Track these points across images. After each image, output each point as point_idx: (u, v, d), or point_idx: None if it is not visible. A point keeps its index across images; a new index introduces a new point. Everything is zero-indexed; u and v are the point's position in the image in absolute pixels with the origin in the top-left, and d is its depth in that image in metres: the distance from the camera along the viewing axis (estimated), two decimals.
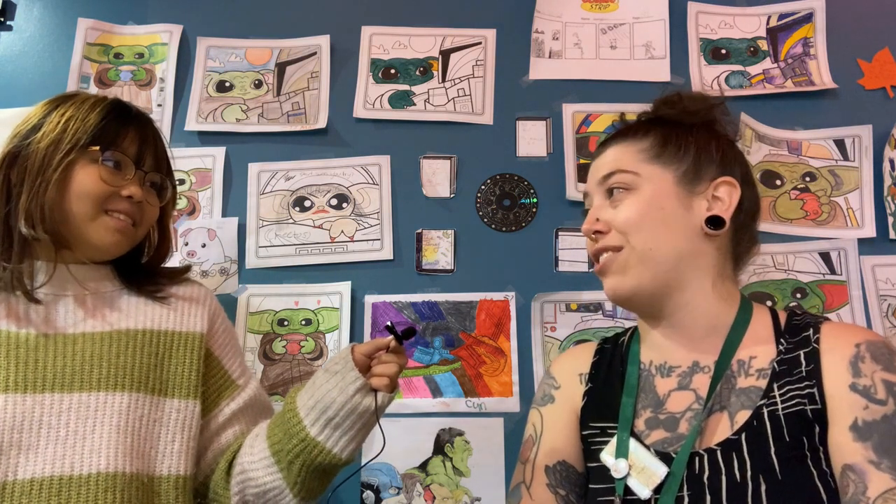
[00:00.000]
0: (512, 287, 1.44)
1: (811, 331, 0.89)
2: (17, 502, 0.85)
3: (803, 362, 0.86)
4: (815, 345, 0.87)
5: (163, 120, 1.54)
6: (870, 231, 1.44)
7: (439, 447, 1.37)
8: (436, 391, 1.40)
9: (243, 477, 0.97)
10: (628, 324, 1.40)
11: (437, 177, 1.51)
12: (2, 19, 1.61)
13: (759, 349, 0.90)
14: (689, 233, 0.92)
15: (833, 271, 1.42)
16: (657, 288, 0.93)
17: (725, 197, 0.93)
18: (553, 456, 0.99)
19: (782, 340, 0.90)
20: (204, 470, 1.02)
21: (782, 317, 0.94)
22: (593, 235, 0.97)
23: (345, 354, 0.94)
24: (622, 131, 1.01)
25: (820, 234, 1.44)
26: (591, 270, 1.44)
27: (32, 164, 0.94)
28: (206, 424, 1.03)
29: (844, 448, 0.80)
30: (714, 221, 0.92)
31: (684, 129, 0.97)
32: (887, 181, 1.45)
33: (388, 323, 0.98)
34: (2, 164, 0.96)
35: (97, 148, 0.96)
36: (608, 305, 1.43)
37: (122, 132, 0.99)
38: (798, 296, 1.42)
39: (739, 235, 0.97)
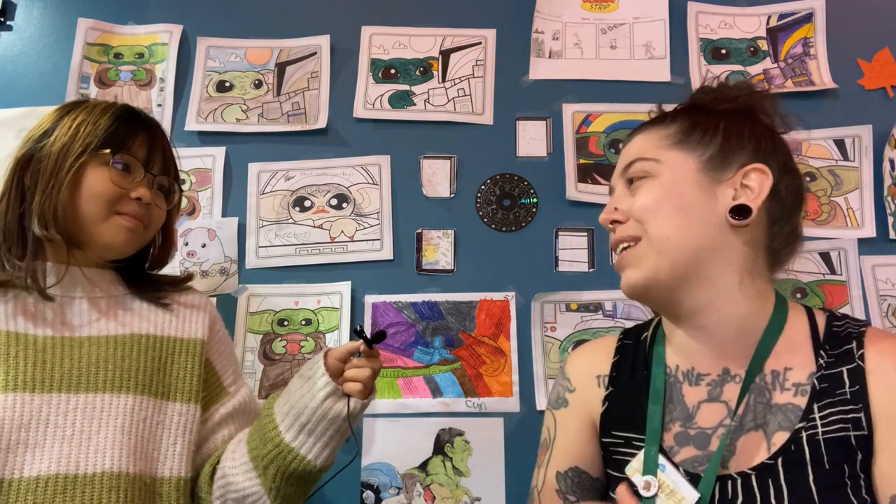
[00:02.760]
0: (512, 287, 1.44)
1: (854, 344, 0.82)
2: (22, 499, 0.87)
3: (847, 381, 0.80)
4: (860, 362, 0.80)
5: (163, 120, 1.54)
6: (870, 231, 1.44)
7: (439, 447, 1.37)
8: (436, 391, 1.40)
9: (224, 482, 0.99)
10: (629, 324, 1.40)
11: (437, 177, 1.51)
12: (2, 19, 1.61)
13: (796, 359, 0.84)
14: (711, 223, 0.84)
15: (833, 271, 1.42)
16: (675, 281, 0.85)
17: (755, 185, 0.85)
18: (565, 462, 0.96)
19: (822, 352, 0.83)
20: (194, 473, 1.03)
21: (820, 320, 0.87)
22: (611, 225, 0.91)
23: (317, 359, 0.95)
24: (650, 121, 0.95)
25: (820, 234, 1.44)
26: (591, 270, 1.44)
27: (45, 167, 0.97)
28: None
29: (894, 479, 0.75)
30: (740, 211, 0.84)
31: (716, 114, 0.90)
32: (887, 181, 1.45)
33: (357, 326, 0.96)
34: (16, 168, 0.99)
35: (107, 151, 0.99)
36: (608, 305, 1.43)
37: (132, 136, 1.02)
38: (798, 296, 1.42)
39: (776, 229, 0.88)
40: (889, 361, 0.80)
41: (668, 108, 0.98)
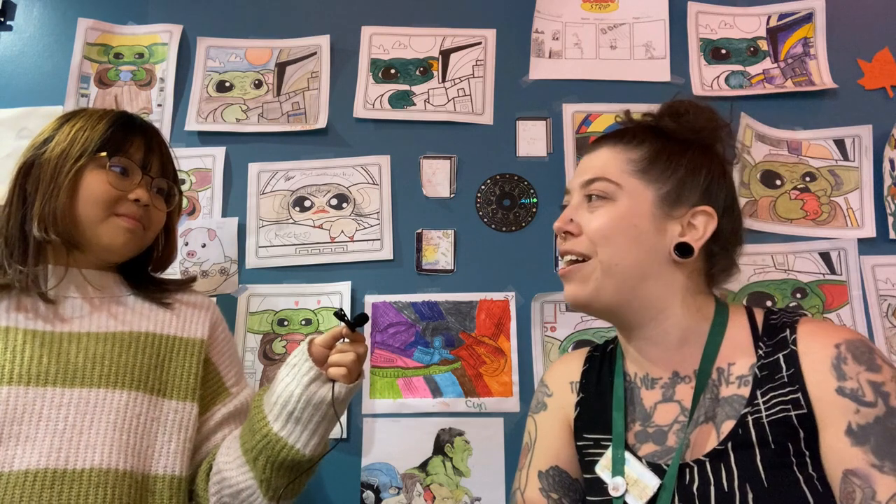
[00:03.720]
0: (512, 287, 1.44)
1: (787, 331, 0.88)
2: (10, 493, 0.87)
3: (783, 366, 0.86)
4: (793, 346, 0.86)
5: (163, 120, 1.54)
6: (870, 231, 1.44)
7: (439, 447, 1.37)
8: (436, 391, 1.40)
9: (219, 477, 0.99)
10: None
11: (437, 177, 1.51)
12: (2, 19, 1.61)
13: (738, 355, 0.90)
14: (657, 255, 0.92)
15: (833, 271, 1.42)
16: (619, 302, 0.92)
17: (700, 227, 0.93)
18: (546, 461, 1.01)
19: (760, 344, 0.90)
20: (192, 472, 1.03)
21: (759, 317, 0.93)
22: (563, 234, 0.97)
23: (301, 347, 0.95)
24: (618, 133, 1.00)
25: (820, 234, 1.44)
26: None
27: (45, 172, 0.99)
28: (199, 428, 1.04)
29: (842, 453, 0.80)
30: (682, 249, 0.91)
31: (680, 147, 0.96)
32: (887, 181, 1.45)
33: (339, 309, 0.96)
34: (18, 175, 1.02)
35: (104, 154, 1.01)
36: None
37: (128, 140, 1.04)
38: (798, 296, 1.42)
39: (714, 260, 0.96)
40: (818, 342, 0.86)
41: (636, 115, 1.05)
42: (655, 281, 0.92)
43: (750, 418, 0.84)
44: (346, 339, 0.96)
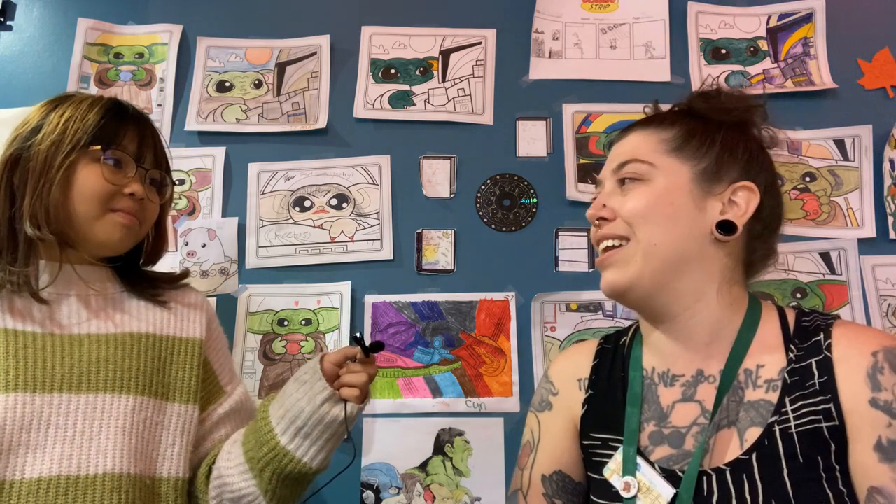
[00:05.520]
0: (512, 287, 1.44)
1: (822, 335, 0.83)
2: (24, 501, 0.86)
3: (816, 373, 0.81)
4: (827, 352, 0.82)
5: (163, 120, 1.54)
6: (870, 231, 1.44)
7: (439, 447, 1.37)
8: (436, 391, 1.40)
9: (220, 482, 0.99)
10: (629, 324, 1.40)
11: (437, 177, 1.51)
12: (2, 19, 1.61)
13: (767, 357, 0.85)
14: (697, 234, 0.87)
15: (833, 271, 1.42)
16: (656, 286, 0.87)
17: (742, 203, 0.88)
18: (550, 465, 0.97)
19: (792, 347, 0.84)
20: (191, 473, 1.03)
21: (790, 317, 0.88)
22: (597, 222, 0.92)
23: (313, 364, 0.95)
24: (648, 119, 0.96)
25: (820, 234, 1.44)
26: (591, 270, 1.44)
27: (35, 166, 0.94)
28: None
29: (869, 470, 0.76)
30: (725, 227, 0.86)
31: (713, 125, 0.91)
32: (887, 181, 1.45)
33: (357, 333, 0.96)
34: (4, 168, 0.96)
35: (98, 147, 0.97)
36: (608, 305, 1.43)
37: (122, 130, 1.00)
38: (798, 296, 1.42)
39: (754, 245, 0.91)
40: (855, 350, 0.81)
41: (664, 107, 1.00)
42: (695, 264, 0.87)
43: (777, 428, 0.79)
44: (358, 361, 0.95)
